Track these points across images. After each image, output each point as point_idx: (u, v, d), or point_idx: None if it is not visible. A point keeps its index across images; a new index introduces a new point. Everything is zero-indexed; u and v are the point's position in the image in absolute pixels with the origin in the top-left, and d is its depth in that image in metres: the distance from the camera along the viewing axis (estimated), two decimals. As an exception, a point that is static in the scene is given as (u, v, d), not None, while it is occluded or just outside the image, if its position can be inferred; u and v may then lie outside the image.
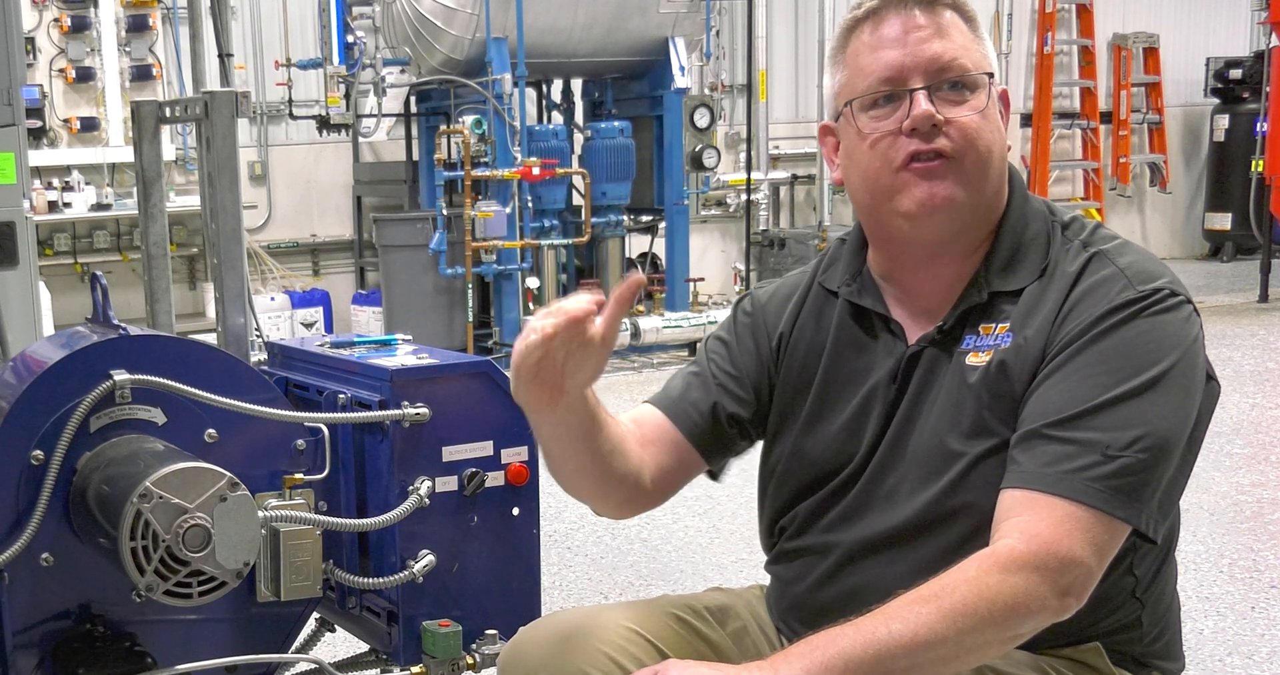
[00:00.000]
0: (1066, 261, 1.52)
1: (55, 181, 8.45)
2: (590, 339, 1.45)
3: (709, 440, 1.73)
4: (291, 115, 8.89)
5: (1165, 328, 1.45)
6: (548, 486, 1.84)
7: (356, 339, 2.26)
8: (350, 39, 8.29)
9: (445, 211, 7.97)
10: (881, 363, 1.61)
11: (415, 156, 8.93)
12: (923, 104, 1.49)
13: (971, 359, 1.53)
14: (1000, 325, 1.53)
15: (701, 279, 8.71)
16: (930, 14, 1.51)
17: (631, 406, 1.77)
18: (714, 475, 1.80)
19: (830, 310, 1.68)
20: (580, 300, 1.43)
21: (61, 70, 8.72)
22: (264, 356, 2.40)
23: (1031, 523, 1.39)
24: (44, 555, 1.89)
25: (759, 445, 1.78)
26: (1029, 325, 1.50)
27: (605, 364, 1.49)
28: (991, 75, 1.53)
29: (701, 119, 8.69)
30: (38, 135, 8.26)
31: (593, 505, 1.73)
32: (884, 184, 1.53)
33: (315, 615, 2.27)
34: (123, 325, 2.00)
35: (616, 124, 8.29)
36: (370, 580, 2.05)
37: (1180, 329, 1.46)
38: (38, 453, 1.86)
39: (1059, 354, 1.46)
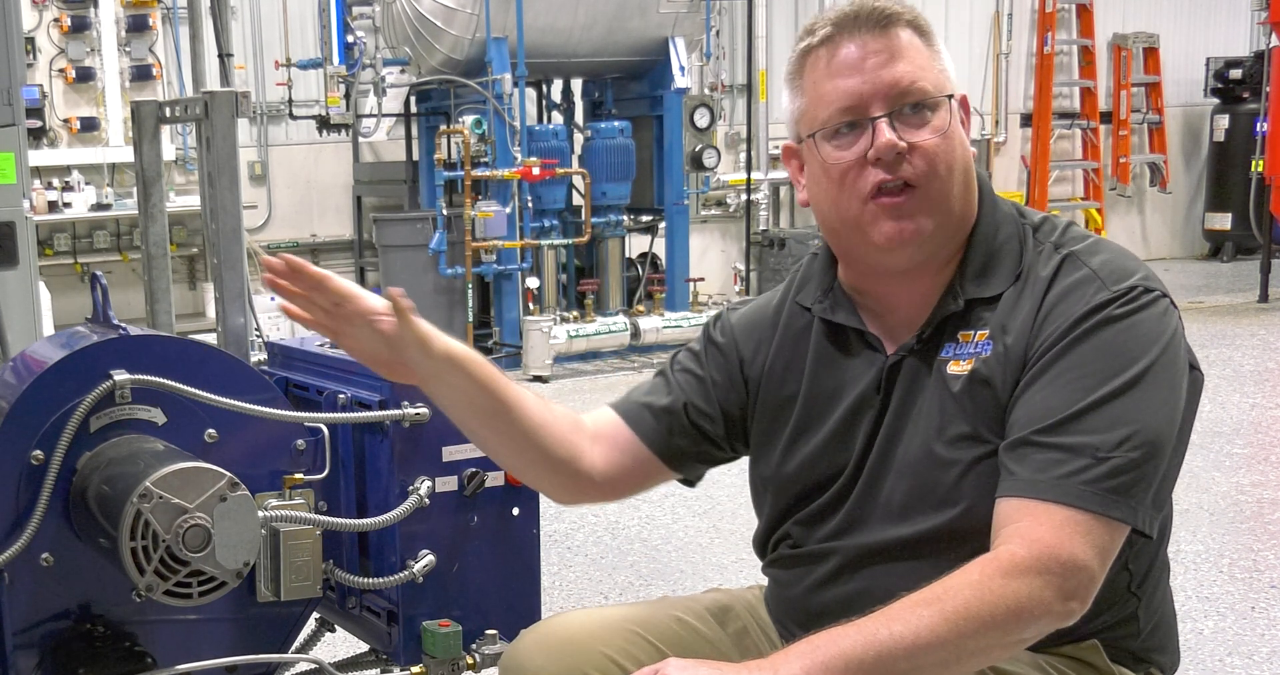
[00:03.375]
0: (1040, 265, 1.53)
1: (55, 181, 8.45)
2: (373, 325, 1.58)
3: (665, 444, 1.73)
4: (291, 115, 8.90)
5: (1142, 325, 1.45)
6: (548, 486, 1.84)
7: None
8: (350, 39, 8.29)
9: (445, 211, 7.96)
10: (862, 375, 1.61)
11: (415, 156, 8.93)
12: (885, 133, 1.48)
13: (953, 367, 1.53)
14: (979, 332, 1.53)
15: (701, 279, 8.72)
16: (884, 37, 1.50)
17: (630, 407, 1.77)
18: (688, 482, 1.81)
19: (807, 328, 1.68)
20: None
21: (61, 70, 8.73)
22: (264, 356, 2.40)
23: (1032, 528, 1.39)
24: (44, 555, 1.89)
25: (734, 460, 1.80)
26: (1008, 332, 1.50)
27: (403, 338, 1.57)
28: (951, 95, 1.53)
29: (701, 119, 8.69)
30: (38, 135, 8.26)
31: (534, 487, 1.80)
32: (852, 215, 1.53)
33: (315, 615, 2.27)
34: (123, 325, 2.00)
35: (616, 124, 8.29)
36: (370, 580, 2.05)
37: (1157, 324, 1.46)
38: (38, 453, 1.86)
39: (1040, 359, 1.47)
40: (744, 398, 1.73)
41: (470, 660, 2.08)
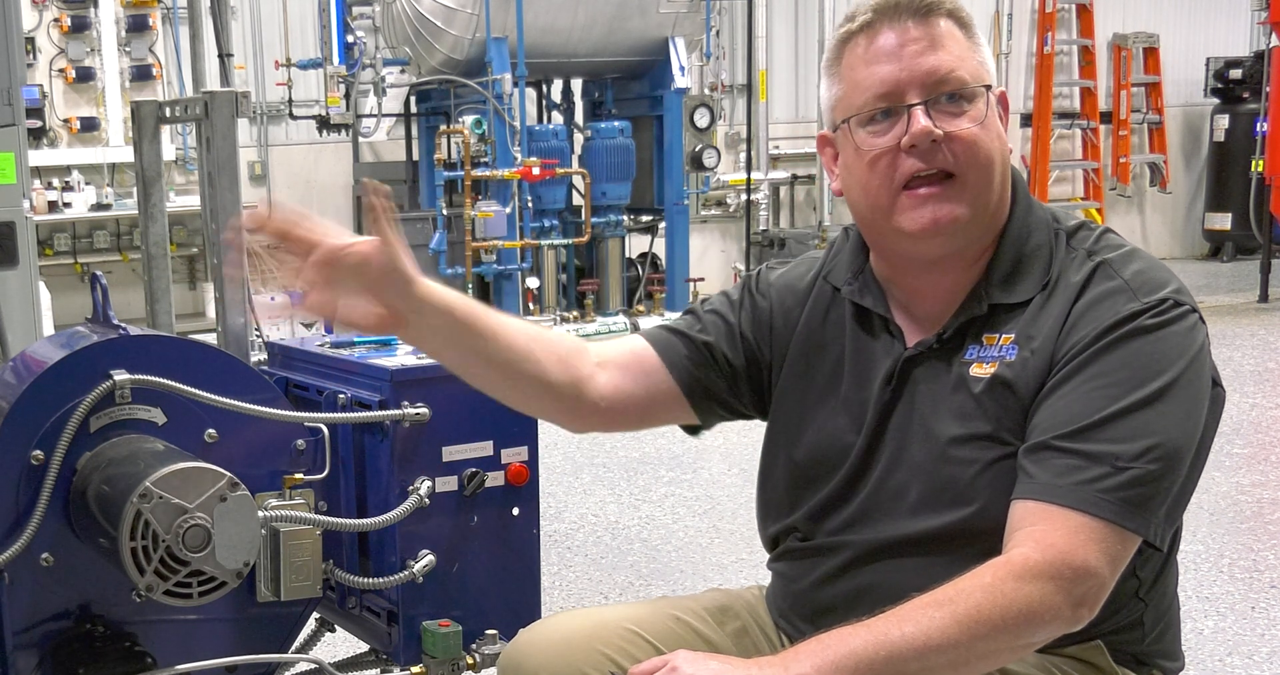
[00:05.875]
0: (1071, 271, 1.52)
1: (55, 181, 8.45)
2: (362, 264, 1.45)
3: (689, 377, 1.71)
4: (291, 115, 8.90)
5: (1170, 338, 1.45)
6: (548, 486, 1.84)
7: (356, 339, 2.25)
8: (350, 39, 8.29)
9: (445, 211, 7.97)
10: (880, 363, 1.61)
11: (415, 156, 8.94)
12: (921, 120, 1.47)
13: (976, 370, 1.52)
14: (1004, 336, 1.52)
15: (701, 279, 8.72)
16: (925, 25, 1.50)
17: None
18: (693, 429, 1.79)
19: (837, 307, 1.68)
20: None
21: (61, 70, 8.73)
22: (264, 356, 2.40)
23: (1046, 533, 1.39)
24: (44, 555, 1.89)
25: (746, 418, 1.79)
26: (1034, 337, 1.50)
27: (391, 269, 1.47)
28: (989, 86, 1.52)
29: (701, 119, 8.70)
30: (38, 135, 8.26)
31: (539, 416, 1.80)
32: (885, 203, 1.52)
33: (315, 615, 2.27)
34: (123, 325, 2.00)
35: (616, 124, 8.29)
36: (370, 580, 2.05)
37: (1185, 339, 1.46)
38: (38, 453, 1.85)
39: (1065, 366, 1.46)
40: (766, 361, 1.72)
41: (470, 660, 2.08)
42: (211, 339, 2.44)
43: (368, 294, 1.48)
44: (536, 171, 7.74)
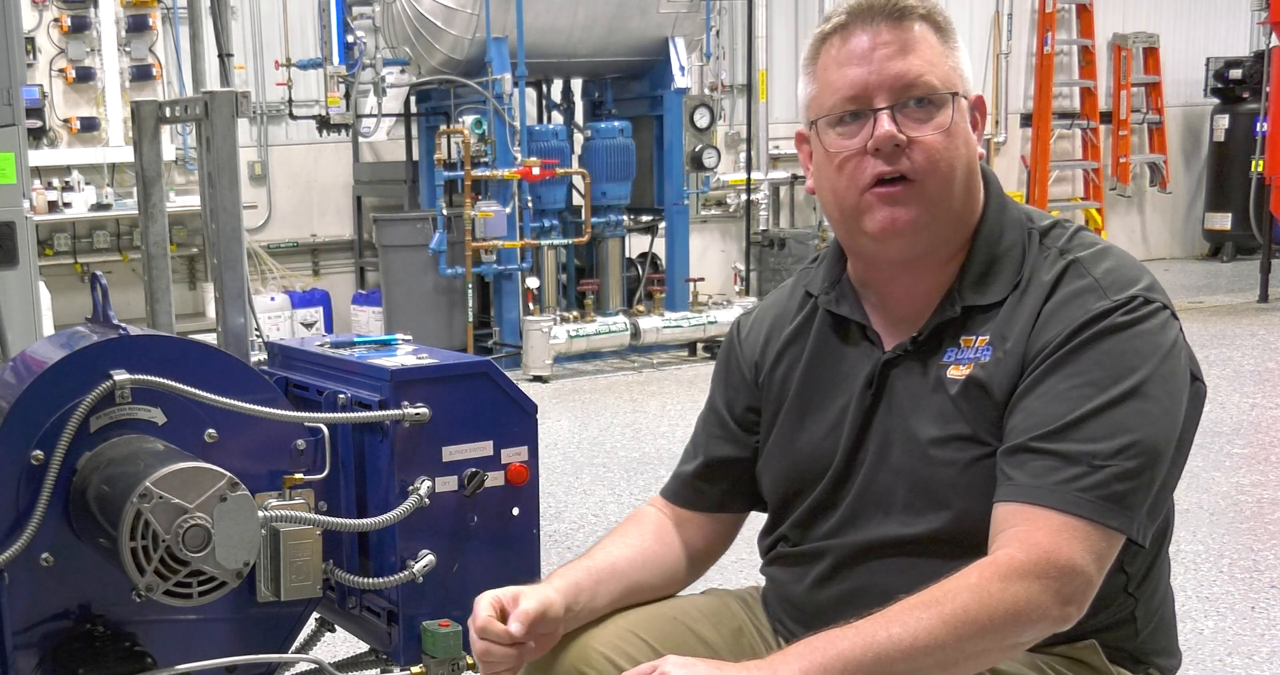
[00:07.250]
0: (1043, 270, 1.53)
1: (55, 181, 8.44)
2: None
3: (722, 500, 1.79)
4: (291, 115, 8.89)
5: (1142, 336, 1.46)
6: (548, 486, 1.84)
7: (356, 339, 2.26)
8: (350, 39, 8.29)
9: (445, 211, 7.97)
10: (858, 369, 1.62)
11: (415, 156, 8.93)
12: (885, 125, 1.49)
13: (953, 372, 1.54)
14: (980, 337, 1.54)
15: (701, 279, 8.71)
16: (897, 28, 1.51)
17: (630, 406, 1.78)
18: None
19: (814, 319, 1.70)
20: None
21: (61, 70, 8.72)
22: (264, 356, 2.40)
23: (1029, 533, 1.40)
24: (44, 555, 1.89)
25: None
26: (1008, 337, 1.51)
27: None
28: (956, 93, 1.53)
29: (701, 119, 8.69)
30: (38, 135, 8.25)
31: None
32: (850, 203, 1.54)
33: (315, 615, 2.27)
34: (123, 325, 2.00)
35: (616, 124, 8.28)
36: (370, 580, 2.05)
37: (1157, 336, 1.46)
38: (38, 453, 1.85)
39: (1039, 366, 1.47)
40: (760, 397, 1.75)
41: (470, 660, 2.08)
42: (211, 339, 2.44)
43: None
44: (536, 171, 7.74)
